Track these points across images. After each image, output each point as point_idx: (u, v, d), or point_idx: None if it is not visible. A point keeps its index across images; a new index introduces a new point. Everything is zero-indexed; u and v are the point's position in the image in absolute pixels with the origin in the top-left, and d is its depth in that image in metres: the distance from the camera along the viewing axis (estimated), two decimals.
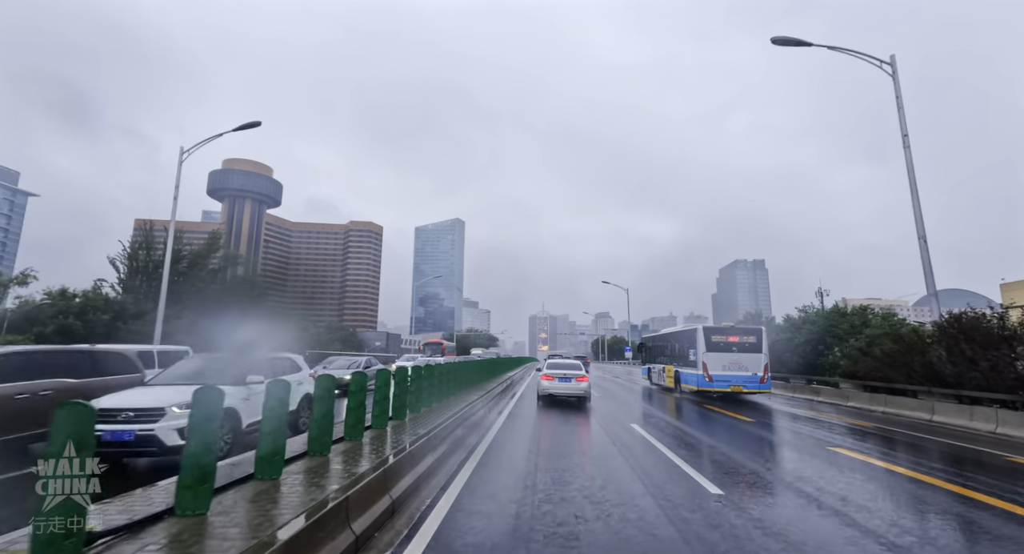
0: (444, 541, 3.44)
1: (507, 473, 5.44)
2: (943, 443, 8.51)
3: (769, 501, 4.59)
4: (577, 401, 12.85)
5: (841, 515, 4.16)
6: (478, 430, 8.21)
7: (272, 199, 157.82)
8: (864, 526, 3.90)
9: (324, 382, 4.51)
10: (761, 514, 4.15)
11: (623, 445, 7.25)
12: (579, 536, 3.56)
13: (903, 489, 5.27)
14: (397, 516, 3.87)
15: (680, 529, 3.73)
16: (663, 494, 4.65)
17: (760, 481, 5.36)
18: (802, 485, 5.17)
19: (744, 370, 14.86)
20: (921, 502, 4.75)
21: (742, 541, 3.51)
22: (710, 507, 4.28)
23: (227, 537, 2.66)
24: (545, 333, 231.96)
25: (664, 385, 19.09)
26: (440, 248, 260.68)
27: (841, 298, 25.69)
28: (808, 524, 3.93)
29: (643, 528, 3.74)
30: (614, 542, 3.46)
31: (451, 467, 5.55)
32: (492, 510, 4.10)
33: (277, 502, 3.28)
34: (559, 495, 4.54)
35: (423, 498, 4.37)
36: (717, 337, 15.40)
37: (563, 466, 5.77)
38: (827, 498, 4.67)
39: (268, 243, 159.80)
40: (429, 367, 8.92)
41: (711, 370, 14.85)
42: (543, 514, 4.01)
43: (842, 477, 5.61)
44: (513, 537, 3.53)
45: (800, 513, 4.21)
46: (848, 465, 6.33)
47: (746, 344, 15.20)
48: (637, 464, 6.00)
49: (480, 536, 3.54)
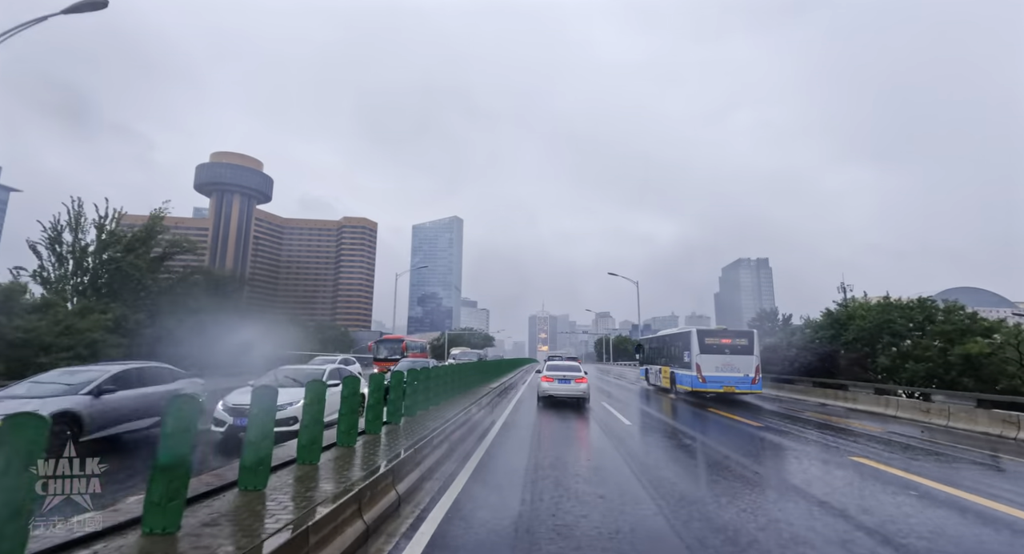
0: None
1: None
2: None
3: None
4: (576, 402, 13.32)
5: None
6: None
7: (262, 194, 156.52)
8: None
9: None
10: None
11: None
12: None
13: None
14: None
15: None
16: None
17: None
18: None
19: (736, 371, 15.54)
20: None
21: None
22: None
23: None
24: (545, 333, 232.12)
25: (660, 386, 19.74)
26: (438, 246, 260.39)
27: (862, 292, 23.52)
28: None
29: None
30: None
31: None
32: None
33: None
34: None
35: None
36: (711, 339, 16.13)
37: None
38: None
39: (258, 240, 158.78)
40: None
41: (704, 371, 15.56)
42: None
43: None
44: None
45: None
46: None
47: (738, 346, 15.87)
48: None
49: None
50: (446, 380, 10.96)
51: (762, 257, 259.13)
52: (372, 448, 5.29)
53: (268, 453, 3.74)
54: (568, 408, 12.55)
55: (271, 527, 2.91)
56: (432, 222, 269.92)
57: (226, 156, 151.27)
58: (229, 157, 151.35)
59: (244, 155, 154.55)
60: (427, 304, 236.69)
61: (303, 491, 3.63)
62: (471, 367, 15.71)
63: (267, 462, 3.73)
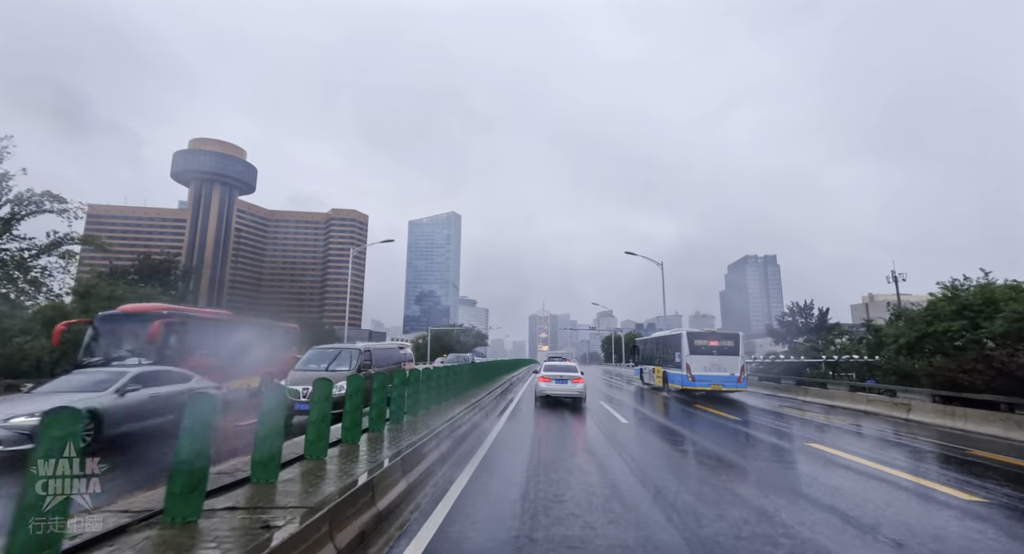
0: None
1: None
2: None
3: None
4: (573, 401, 14.44)
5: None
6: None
7: (245, 184, 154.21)
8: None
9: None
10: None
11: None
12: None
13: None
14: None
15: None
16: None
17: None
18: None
19: (723, 371, 17.47)
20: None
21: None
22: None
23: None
24: (545, 333, 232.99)
25: (654, 385, 21.86)
26: (435, 243, 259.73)
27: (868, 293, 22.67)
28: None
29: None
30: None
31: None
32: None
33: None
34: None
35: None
36: (700, 341, 18.02)
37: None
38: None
39: (240, 233, 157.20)
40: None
41: (694, 371, 17.48)
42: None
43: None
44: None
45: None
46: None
47: (725, 347, 17.84)
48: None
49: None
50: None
51: (770, 254, 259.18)
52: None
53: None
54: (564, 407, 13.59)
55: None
56: (429, 218, 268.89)
57: (206, 142, 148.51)
58: (209, 144, 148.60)
59: (226, 142, 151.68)
60: (424, 303, 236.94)
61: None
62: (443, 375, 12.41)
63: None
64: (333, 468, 4.59)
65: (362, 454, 5.25)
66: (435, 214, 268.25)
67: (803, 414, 13.77)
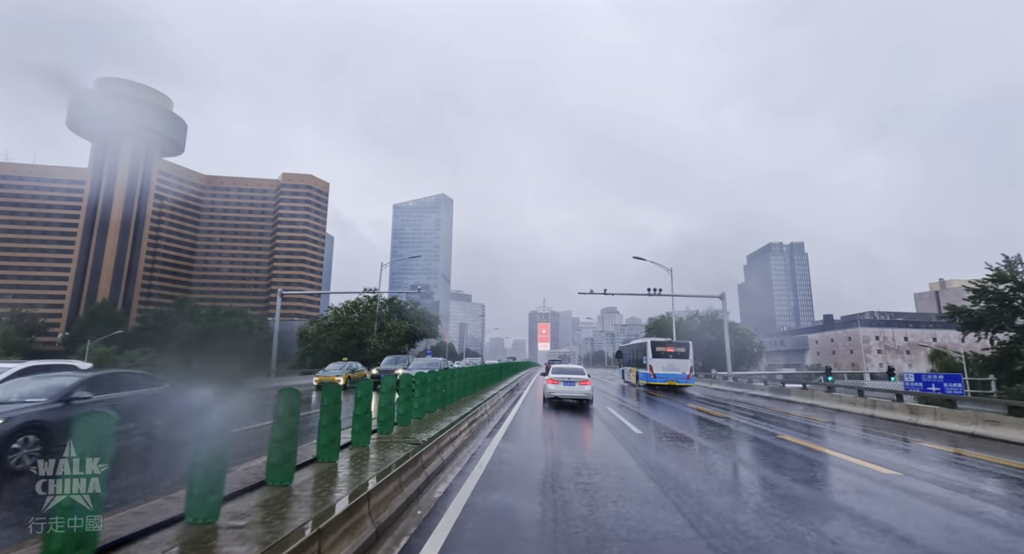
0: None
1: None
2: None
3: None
4: (579, 403, 17.46)
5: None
6: None
7: (171, 141, 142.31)
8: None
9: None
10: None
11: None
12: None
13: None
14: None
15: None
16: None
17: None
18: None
19: (676, 370, 28.57)
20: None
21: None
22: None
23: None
24: (546, 330, 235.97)
25: (630, 381, 34.88)
26: (423, 229, 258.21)
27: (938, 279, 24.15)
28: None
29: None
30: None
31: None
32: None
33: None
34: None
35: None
36: (660, 348, 29.50)
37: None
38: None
39: (163, 202, 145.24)
40: None
41: (656, 370, 28.60)
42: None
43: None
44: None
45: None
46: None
47: (678, 353, 29.22)
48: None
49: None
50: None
51: (796, 241, 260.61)
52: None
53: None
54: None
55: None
56: (416, 201, 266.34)
57: (118, 84, 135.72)
58: (122, 86, 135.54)
59: (145, 86, 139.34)
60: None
61: None
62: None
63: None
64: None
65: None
66: (423, 196, 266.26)
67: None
